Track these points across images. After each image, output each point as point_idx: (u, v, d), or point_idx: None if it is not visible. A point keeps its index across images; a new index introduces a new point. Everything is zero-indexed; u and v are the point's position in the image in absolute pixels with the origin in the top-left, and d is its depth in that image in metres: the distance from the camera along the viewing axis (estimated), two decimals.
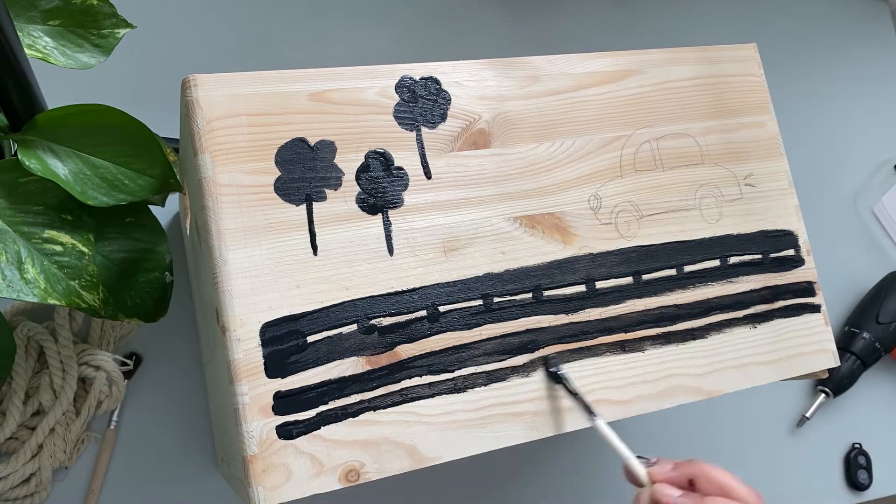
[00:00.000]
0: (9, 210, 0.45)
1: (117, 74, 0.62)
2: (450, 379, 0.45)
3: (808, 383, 0.85)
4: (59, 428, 0.58)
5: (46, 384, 0.59)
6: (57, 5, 0.50)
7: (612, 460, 0.76)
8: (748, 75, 0.57)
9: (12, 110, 0.47)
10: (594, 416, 0.46)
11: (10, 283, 0.43)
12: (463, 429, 0.45)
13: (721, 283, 0.53)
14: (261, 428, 0.41)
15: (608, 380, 0.48)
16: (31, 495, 0.58)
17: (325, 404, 0.42)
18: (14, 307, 0.61)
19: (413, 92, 0.48)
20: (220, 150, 0.43)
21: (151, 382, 0.63)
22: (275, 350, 0.42)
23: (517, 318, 0.47)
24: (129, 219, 0.51)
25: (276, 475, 0.40)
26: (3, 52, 0.43)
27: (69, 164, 0.46)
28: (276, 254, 0.43)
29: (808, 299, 0.55)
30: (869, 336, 0.83)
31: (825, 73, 0.96)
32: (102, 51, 0.52)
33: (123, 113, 0.46)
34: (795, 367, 0.54)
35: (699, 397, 0.50)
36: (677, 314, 0.51)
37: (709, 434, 0.80)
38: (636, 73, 0.54)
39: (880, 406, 0.87)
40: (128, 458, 0.62)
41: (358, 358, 0.44)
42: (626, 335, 0.50)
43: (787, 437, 0.83)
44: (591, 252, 0.50)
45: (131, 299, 0.51)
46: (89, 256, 0.46)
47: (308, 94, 0.46)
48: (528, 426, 0.46)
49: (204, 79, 0.44)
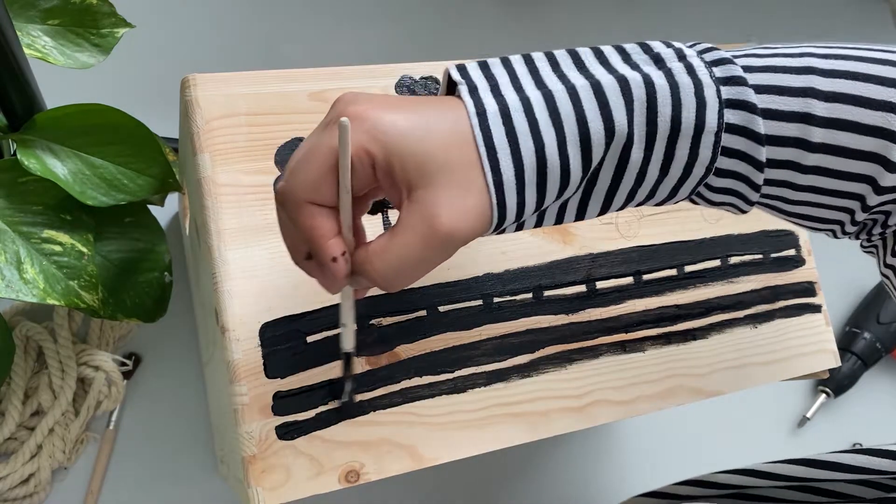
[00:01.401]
0: (8, 210, 0.45)
1: (117, 74, 0.62)
2: (450, 379, 0.45)
3: (809, 383, 0.85)
4: (59, 428, 0.58)
5: (45, 384, 0.59)
6: (56, 5, 0.50)
7: (611, 461, 0.76)
8: None
9: (11, 110, 0.47)
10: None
11: (9, 283, 0.43)
12: (463, 429, 0.44)
13: (721, 283, 0.53)
14: (260, 428, 0.41)
15: (608, 380, 0.48)
16: (31, 496, 0.58)
17: (325, 404, 0.42)
18: (13, 307, 0.60)
19: (413, 91, 0.48)
20: (219, 149, 0.43)
21: (151, 383, 0.63)
22: (275, 350, 0.42)
23: (517, 318, 0.47)
24: (129, 219, 0.51)
25: (275, 476, 0.40)
26: (2, 51, 0.43)
27: (68, 163, 0.46)
28: (276, 254, 0.43)
29: (808, 299, 0.55)
30: (870, 336, 0.83)
31: None
32: (102, 50, 0.52)
33: (123, 113, 0.46)
34: (796, 367, 0.54)
35: (700, 398, 0.50)
36: (678, 314, 0.51)
37: (709, 434, 0.80)
38: None
39: (881, 406, 0.87)
40: (127, 459, 0.61)
41: (358, 358, 0.43)
42: (626, 335, 0.50)
43: (787, 438, 0.83)
44: (591, 252, 0.50)
45: (131, 299, 0.51)
46: (88, 256, 0.46)
47: (308, 93, 0.46)
48: (528, 426, 0.46)
49: (203, 78, 0.44)
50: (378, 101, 0.33)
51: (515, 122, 0.33)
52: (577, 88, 0.33)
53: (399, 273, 0.33)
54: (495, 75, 0.34)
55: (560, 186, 0.33)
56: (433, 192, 0.32)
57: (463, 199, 0.32)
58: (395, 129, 0.32)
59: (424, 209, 0.32)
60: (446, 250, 0.33)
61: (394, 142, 0.32)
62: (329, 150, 0.32)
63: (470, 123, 0.32)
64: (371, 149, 0.32)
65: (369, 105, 0.32)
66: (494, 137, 0.32)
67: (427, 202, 0.32)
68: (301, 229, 0.33)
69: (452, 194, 0.32)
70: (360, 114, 0.32)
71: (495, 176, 0.32)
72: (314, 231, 0.33)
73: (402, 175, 0.32)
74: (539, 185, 0.33)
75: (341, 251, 0.33)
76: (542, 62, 0.35)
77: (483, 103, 0.33)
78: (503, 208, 0.33)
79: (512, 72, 0.34)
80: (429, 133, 0.32)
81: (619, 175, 0.34)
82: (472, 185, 0.32)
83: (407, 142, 0.32)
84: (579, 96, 0.33)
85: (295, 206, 0.33)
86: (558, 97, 0.33)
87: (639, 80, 0.33)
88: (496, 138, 0.32)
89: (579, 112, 0.32)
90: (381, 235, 0.33)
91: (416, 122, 0.32)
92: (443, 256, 0.33)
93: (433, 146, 0.32)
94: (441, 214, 0.31)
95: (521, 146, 0.32)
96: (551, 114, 0.33)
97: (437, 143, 0.32)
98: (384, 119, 0.32)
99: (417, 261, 0.32)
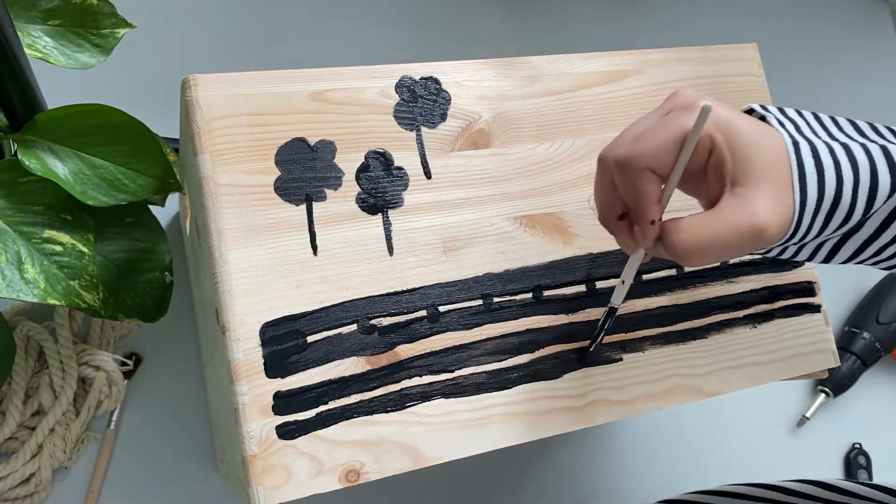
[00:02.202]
0: (9, 210, 0.45)
1: (117, 74, 0.62)
2: (450, 379, 0.45)
3: (809, 383, 0.85)
4: (59, 428, 0.58)
5: (46, 384, 0.59)
6: (57, 5, 0.50)
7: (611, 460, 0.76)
8: (748, 75, 0.57)
9: (12, 110, 0.47)
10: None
11: (10, 283, 0.43)
12: (463, 429, 0.45)
13: (721, 283, 0.53)
14: (261, 428, 0.41)
15: (608, 380, 0.48)
16: (31, 495, 0.58)
17: (325, 404, 0.42)
18: (14, 307, 0.60)
19: (413, 92, 0.48)
20: (219, 149, 0.43)
21: (151, 382, 0.63)
22: (275, 350, 0.42)
23: (517, 318, 0.47)
24: (129, 219, 0.51)
25: (275, 475, 0.40)
26: (3, 52, 0.43)
27: (69, 163, 0.46)
28: (276, 254, 0.43)
29: (808, 299, 0.55)
30: (869, 336, 0.83)
31: (825, 73, 0.96)
32: (102, 51, 0.52)
33: (123, 113, 0.46)
34: (796, 367, 0.54)
35: (699, 397, 0.50)
36: (677, 314, 0.51)
37: (709, 434, 0.80)
38: (636, 73, 0.54)
39: (880, 406, 0.87)
40: (127, 458, 0.61)
41: (358, 358, 0.43)
42: (626, 335, 0.50)
43: (787, 437, 0.83)
44: (591, 252, 0.50)
45: (131, 299, 0.51)
46: (89, 256, 0.46)
47: (308, 93, 0.46)
48: (528, 426, 0.46)
49: (204, 79, 0.44)
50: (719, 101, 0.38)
51: (822, 159, 0.38)
52: (868, 146, 0.39)
53: (704, 251, 0.37)
54: (793, 119, 0.40)
55: (842, 222, 0.38)
56: (755, 192, 0.36)
57: (778, 205, 0.36)
58: (737, 128, 0.37)
59: (747, 203, 0.36)
60: (754, 244, 0.36)
61: (736, 137, 0.36)
62: (679, 129, 0.36)
63: (786, 148, 0.37)
64: (716, 137, 0.37)
65: (715, 102, 0.37)
66: (806, 166, 0.37)
67: (749, 199, 0.36)
68: (636, 191, 0.37)
69: (770, 199, 0.36)
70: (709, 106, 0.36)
71: (801, 196, 0.37)
72: (646, 195, 0.37)
73: (733, 167, 0.37)
74: (828, 215, 0.38)
75: (659, 216, 0.38)
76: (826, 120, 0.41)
77: (794, 136, 0.38)
78: (799, 224, 0.37)
79: (805, 120, 0.40)
80: (762, 140, 0.37)
81: (884, 227, 0.40)
82: (784, 198, 0.37)
83: (745, 142, 0.36)
84: (871, 153, 0.38)
85: (636, 171, 0.37)
86: (854, 149, 0.38)
87: None
88: (807, 167, 0.37)
89: (872, 165, 0.38)
90: (693, 215, 0.37)
91: (754, 129, 0.37)
92: (747, 249, 0.37)
93: (763, 153, 0.37)
94: (760, 212, 0.36)
95: (826, 178, 0.37)
96: (850, 161, 0.38)
97: (767, 152, 0.37)
98: (730, 117, 0.37)
99: (725, 245, 0.36)
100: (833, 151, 0.38)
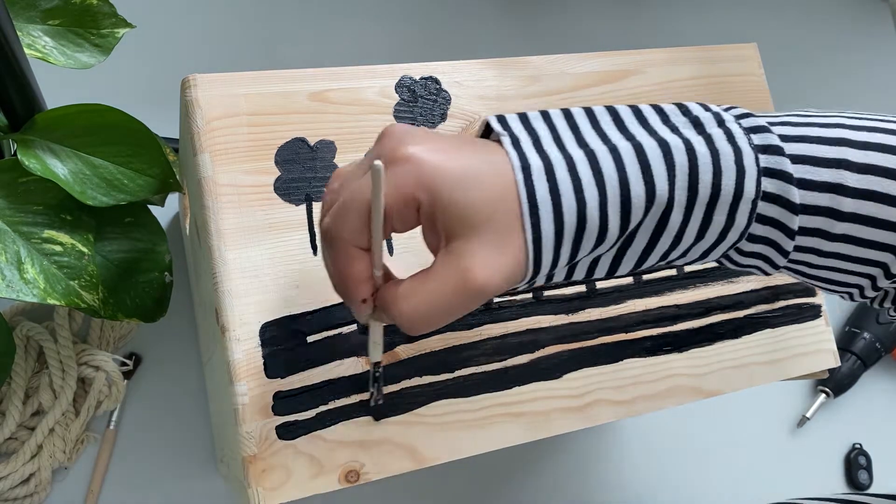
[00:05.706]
0: (8, 210, 0.45)
1: (117, 74, 0.62)
2: (450, 379, 0.45)
3: (809, 383, 0.85)
4: (59, 428, 0.58)
5: (46, 384, 0.59)
6: (56, 5, 0.50)
7: (611, 460, 0.76)
8: (748, 75, 0.57)
9: (12, 110, 0.47)
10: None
11: (10, 283, 0.43)
12: (463, 429, 0.44)
13: (721, 283, 0.53)
14: (260, 428, 0.41)
15: (608, 380, 0.48)
16: (31, 495, 0.58)
17: (325, 404, 0.42)
18: (14, 307, 0.60)
19: (413, 92, 0.48)
20: (219, 149, 0.43)
21: (151, 382, 0.63)
22: (275, 350, 0.42)
23: (517, 318, 0.47)
24: (129, 219, 0.51)
25: (275, 475, 0.40)
26: (2, 51, 0.43)
27: (68, 163, 0.46)
28: (276, 254, 0.43)
29: (808, 299, 0.55)
30: (869, 336, 0.83)
31: (825, 73, 0.96)
32: (102, 50, 0.52)
33: (123, 113, 0.46)
34: (796, 367, 0.54)
35: (699, 397, 0.50)
36: (677, 314, 0.51)
37: (709, 434, 0.80)
38: (636, 73, 0.54)
39: (881, 406, 0.87)
40: (127, 459, 0.61)
41: (358, 358, 0.43)
42: (626, 335, 0.50)
43: (787, 437, 0.83)
44: None
45: (131, 299, 0.51)
46: (89, 256, 0.46)
47: (308, 93, 0.46)
48: (528, 426, 0.46)
49: (204, 79, 0.44)
50: (427, 144, 0.33)
51: (559, 180, 0.33)
52: (620, 150, 0.33)
53: (424, 318, 0.33)
54: (536, 129, 0.35)
55: (595, 244, 0.34)
56: (471, 245, 0.32)
57: (499, 254, 0.32)
58: (443, 180, 0.32)
59: (460, 261, 0.32)
60: (475, 302, 0.33)
61: (441, 192, 0.32)
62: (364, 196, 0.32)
63: (514, 178, 0.32)
64: (418, 195, 0.32)
65: (419, 147, 0.32)
66: (538, 193, 0.32)
67: (464, 254, 0.32)
68: (337, 270, 0.35)
69: (489, 249, 0.32)
70: (409, 157, 0.32)
71: (535, 232, 0.32)
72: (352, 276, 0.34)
73: (444, 224, 0.32)
74: (575, 241, 0.33)
75: (369, 293, 0.35)
76: (581, 118, 0.35)
77: (527, 158, 0.33)
78: (538, 264, 0.33)
79: (552, 126, 0.35)
80: (476, 184, 0.32)
81: (656, 237, 0.34)
82: (511, 241, 0.32)
83: (454, 194, 0.32)
84: (622, 158, 0.33)
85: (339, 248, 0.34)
86: (601, 157, 0.33)
87: (680, 146, 0.33)
88: (539, 194, 0.32)
89: (622, 174, 0.33)
90: (411, 277, 0.34)
91: (465, 172, 0.32)
92: (469, 308, 0.33)
93: (478, 200, 0.32)
94: (475, 268, 0.32)
95: (563, 204, 0.32)
96: (595, 174, 0.33)
97: (483, 197, 0.32)
98: (434, 166, 0.32)
99: (444, 310, 0.33)
100: (573, 166, 0.33)
